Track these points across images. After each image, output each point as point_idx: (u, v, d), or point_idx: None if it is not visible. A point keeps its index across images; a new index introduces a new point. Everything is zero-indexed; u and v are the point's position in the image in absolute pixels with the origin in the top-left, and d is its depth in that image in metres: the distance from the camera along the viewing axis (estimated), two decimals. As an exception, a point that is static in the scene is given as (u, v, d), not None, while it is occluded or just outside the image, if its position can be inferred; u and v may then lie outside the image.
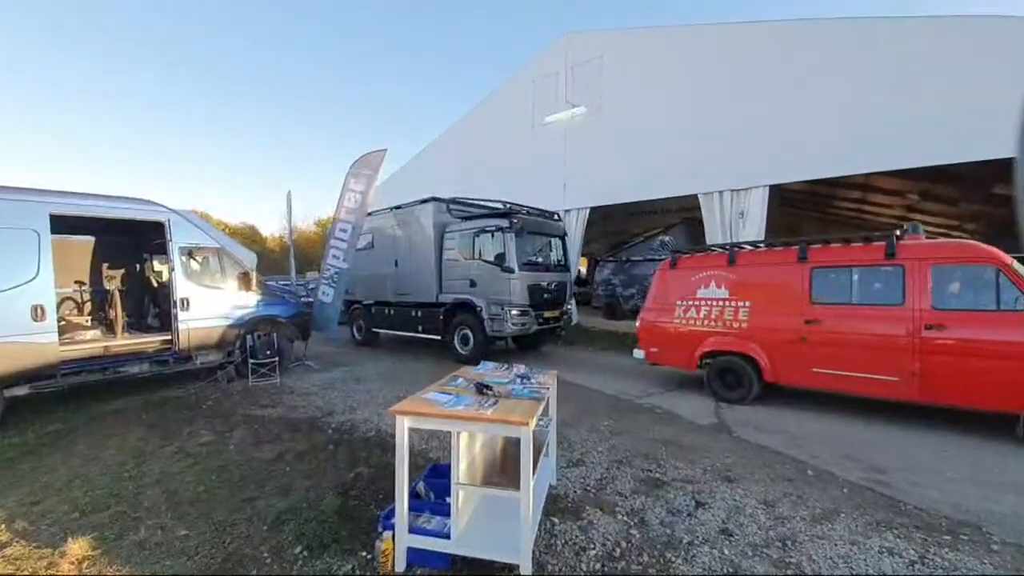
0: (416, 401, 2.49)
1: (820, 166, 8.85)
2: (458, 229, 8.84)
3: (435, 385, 2.82)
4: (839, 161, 8.58)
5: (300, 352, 8.38)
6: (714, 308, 5.65)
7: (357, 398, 5.94)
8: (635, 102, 11.30)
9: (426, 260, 9.21)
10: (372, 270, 10.76)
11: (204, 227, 6.87)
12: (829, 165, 8.73)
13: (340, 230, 8.20)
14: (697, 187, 10.26)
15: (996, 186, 10.72)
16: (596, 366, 8.22)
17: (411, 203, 9.69)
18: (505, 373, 3.20)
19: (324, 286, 8.25)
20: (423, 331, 9.43)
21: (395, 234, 10.05)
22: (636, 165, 11.19)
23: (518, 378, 2.97)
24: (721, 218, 10.00)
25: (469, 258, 8.51)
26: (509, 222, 8.07)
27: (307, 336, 7.99)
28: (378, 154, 8.10)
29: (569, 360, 8.89)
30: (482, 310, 8.15)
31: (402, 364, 8.52)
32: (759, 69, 9.46)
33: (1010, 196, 5.80)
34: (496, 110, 14.47)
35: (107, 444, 4.44)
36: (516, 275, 7.92)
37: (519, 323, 7.94)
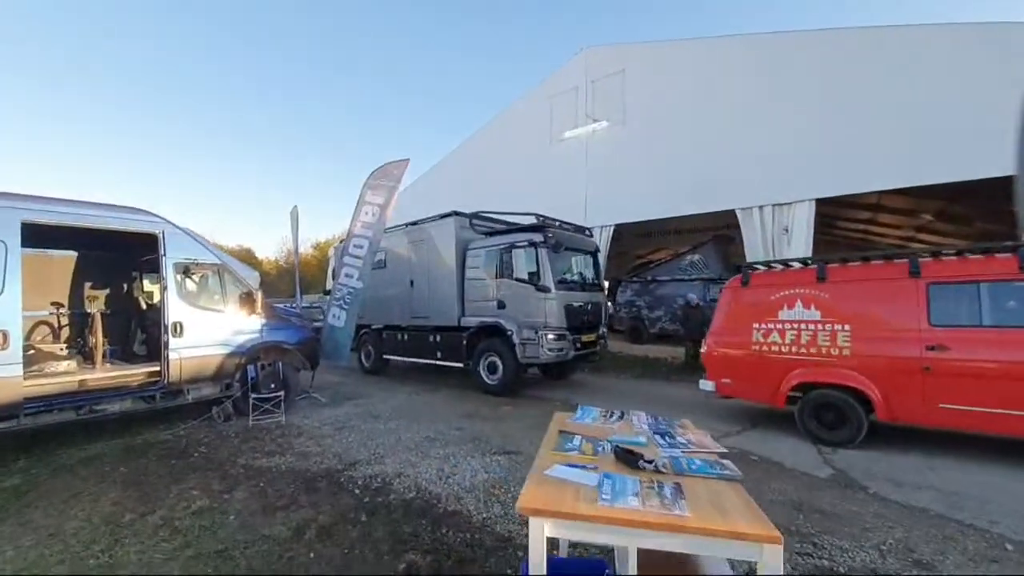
0: (551, 488, 1.57)
1: (869, 178, 8.24)
2: (483, 246, 8.05)
3: (547, 448, 1.93)
4: (890, 173, 7.97)
5: (306, 383, 7.41)
6: (804, 332, 4.82)
7: (380, 441, 4.97)
8: (662, 116, 10.78)
9: (447, 280, 8.38)
10: (384, 291, 9.89)
11: (203, 241, 6.02)
12: (880, 177, 8.12)
13: (355, 246, 7.37)
14: (734, 202, 9.62)
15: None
16: (642, 397, 7.30)
17: (429, 218, 8.93)
18: (626, 426, 2.31)
19: (335, 308, 7.35)
20: (442, 358, 8.50)
21: (410, 252, 9.24)
22: (665, 180, 10.58)
23: (659, 436, 2.08)
24: (763, 234, 9.31)
25: (497, 277, 7.69)
26: (544, 236, 7.29)
27: (315, 365, 7.04)
28: (400, 164, 7.37)
29: (608, 390, 7.96)
30: (513, 334, 7.27)
31: (420, 396, 7.55)
32: (797, 79, 8.98)
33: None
34: (511, 126, 13.97)
35: (73, 510, 3.46)
36: (552, 295, 7.09)
37: (556, 348, 7.05)
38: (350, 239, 7.47)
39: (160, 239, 5.42)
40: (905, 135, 7.74)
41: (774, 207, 9.18)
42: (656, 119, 10.79)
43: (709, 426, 5.44)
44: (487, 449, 4.61)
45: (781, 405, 4.93)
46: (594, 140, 11.90)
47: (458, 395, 7.64)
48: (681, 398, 7.20)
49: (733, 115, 9.70)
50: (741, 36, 9.89)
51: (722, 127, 9.82)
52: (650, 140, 10.84)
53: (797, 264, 5.34)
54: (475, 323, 7.88)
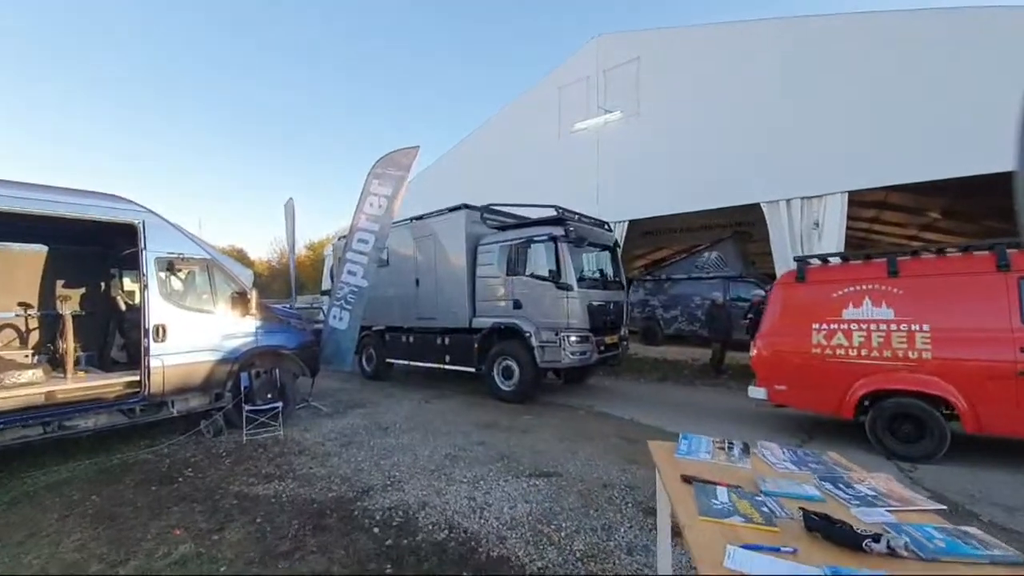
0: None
1: (905, 169, 7.75)
2: (496, 241, 7.45)
3: (683, 506, 1.34)
4: (928, 163, 7.48)
5: (306, 391, 6.76)
6: (874, 334, 4.28)
7: (394, 460, 4.35)
8: (679, 106, 10.25)
9: (456, 278, 7.77)
10: (387, 291, 9.25)
11: (190, 234, 5.36)
12: (917, 168, 7.62)
13: (359, 241, 6.74)
14: (759, 195, 9.10)
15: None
16: (672, 405, 6.73)
17: (436, 212, 8.32)
18: (762, 465, 1.72)
19: (336, 308, 6.71)
20: (452, 362, 7.89)
21: (415, 249, 8.62)
22: (682, 174, 10.04)
23: (829, 484, 1.49)
24: (790, 229, 8.80)
25: (512, 274, 7.09)
26: (565, 230, 6.71)
27: (315, 371, 6.40)
28: (408, 152, 6.75)
29: (632, 396, 7.39)
30: (531, 336, 6.68)
31: (430, 405, 6.93)
32: (826, 64, 8.48)
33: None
34: (518, 118, 13.37)
35: (28, 555, 2.82)
36: (575, 293, 6.51)
37: (579, 352, 6.47)
38: (353, 234, 6.84)
39: (140, 230, 4.76)
40: (946, 123, 7.26)
41: (803, 200, 8.68)
42: (673, 109, 10.25)
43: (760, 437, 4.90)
44: (520, 470, 4.01)
45: (849, 416, 4.38)
46: (606, 132, 11.34)
47: (471, 402, 7.03)
48: (716, 406, 6.65)
49: (757, 103, 9.19)
50: (764, 20, 9.39)
51: (745, 116, 9.31)
52: (667, 131, 10.30)
53: (857, 258, 4.80)
54: (488, 324, 7.29)
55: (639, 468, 3.99)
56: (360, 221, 6.81)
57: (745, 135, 9.28)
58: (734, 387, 7.90)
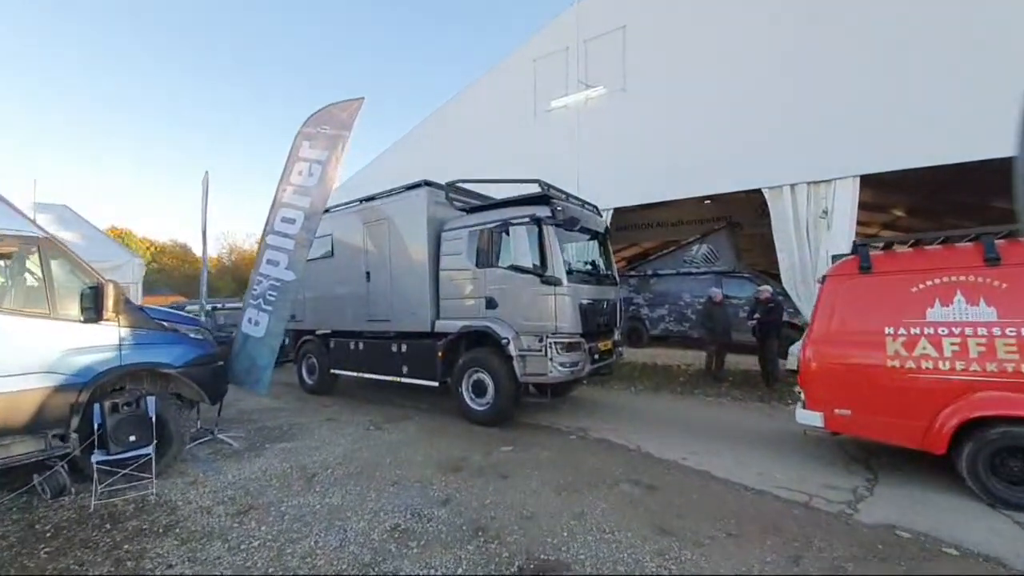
0: None
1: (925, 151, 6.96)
2: (465, 225, 6.04)
3: None
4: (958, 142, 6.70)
5: (211, 420, 5.10)
6: (972, 341, 3.21)
7: (309, 545, 2.85)
8: (671, 80, 9.17)
9: (415, 272, 6.31)
10: (331, 288, 7.66)
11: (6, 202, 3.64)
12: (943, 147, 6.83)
13: (283, 220, 5.14)
14: (760, 180, 8.14)
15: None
16: (681, 426, 5.54)
17: (390, 192, 6.81)
18: None
19: (252, 310, 5.06)
20: (410, 373, 6.42)
21: (365, 236, 7.07)
22: (674, 156, 8.96)
23: None
24: (795, 218, 7.88)
25: (485, 266, 5.71)
26: (552, 210, 5.39)
27: (219, 395, 4.77)
28: (349, 105, 5.20)
29: (631, 412, 6.17)
30: (508, 343, 5.32)
31: (380, 433, 5.42)
32: (837, 32, 7.60)
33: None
34: (487, 95, 11.95)
35: None
36: (564, 289, 5.20)
37: (568, 362, 5.17)
38: (275, 211, 5.23)
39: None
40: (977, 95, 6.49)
41: (809, 185, 7.76)
42: (664, 84, 9.16)
43: (812, 477, 3.75)
44: (505, 559, 2.64)
45: (941, 451, 3.28)
46: (588, 110, 10.13)
47: (434, 427, 5.59)
48: (737, 425, 5.52)
49: (759, 77, 8.22)
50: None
51: (745, 92, 8.33)
52: (657, 109, 9.20)
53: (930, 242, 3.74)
54: (455, 328, 5.87)
55: (680, 544, 2.72)
56: (284, 195, 5.21)
57: (745, 113, 8.30)
58: (741, 398, 6.87)
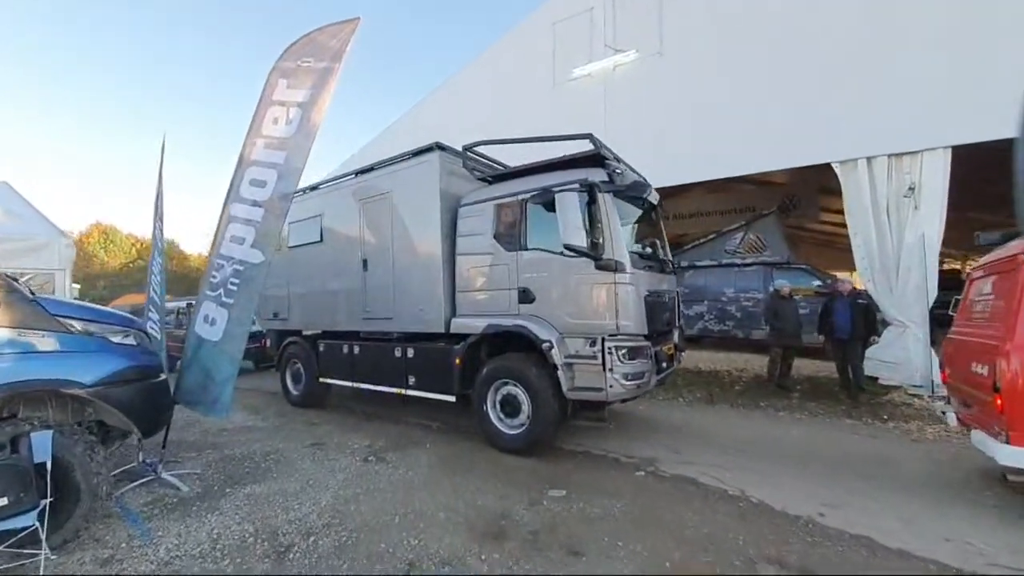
0: None
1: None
2: (490, 197, 4.76)
3: None
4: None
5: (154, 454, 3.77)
6: None
7: None
8: (718, 41, 7.91)
9: (424, 257, 5.01)
10: (320, 280, 6.35)
11: None
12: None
13: (252, 183, 3.81)
14: (829, 153, 6.90)
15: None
16: (776, 454, 4.26)
17: (392, 160, 5.51)
18: None
19: (209, 303, 3.71)
20: (418, 385, 5.12)
21: (361, 217, 5.77)
22: (720, 129, 7.71)
23: None
24: (873, 197, 6.65)
25: (517, 248, 4.42)
26: (608, 173, 4.11)
27: (158, 422, 3.43)
28: (340, 29, 3.87)
29: (696, 435, 4.86)
30: (551, 348, 4.04)
31: (384, 465, 4.12)
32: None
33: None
34: (499, 66, 10.64)
35: None
36: (627, 275, 3.91)
37: (633, 373, 3.87)
38: (241, 172, 3.90)
39: None
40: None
41: (890, 158, 6.54)
42: (709, 45, 7.91)
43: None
44: None
45: None
46: (616, 78, 8.87)
47: (452, 456, 4.29)
48: (844, 454, 4.25)
49: (825, 30, 6.99)
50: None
51: (809, 49, 7.09)
52: (700, 75, 7.95)
53: None
54: (476, 329, 4.59)
55: None
56: (254, 151, 3.88)
57: (809, 75, 7.06)
58: (822, 412, 5.62)
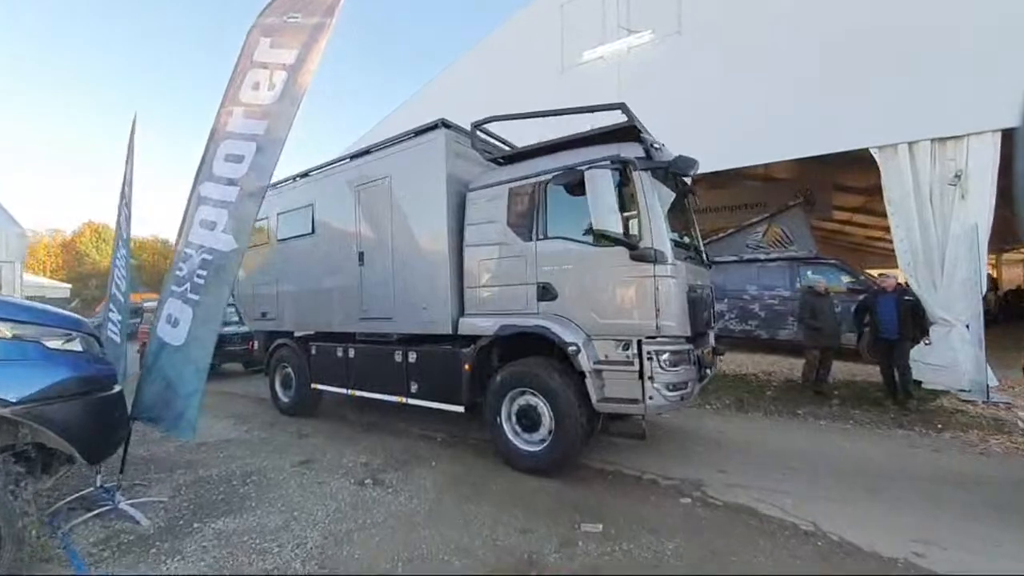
0: None
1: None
2: (504, 180, 4.19)
3: None
4: None
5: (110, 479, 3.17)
6: None
7: None
8: (743, 19, 7.37)
9: (428, 249, 4.44)
10: (312, 276, 5.76)
11: None
12: None
13: (227, 158, 3.21)
14: (867, 137, 6.36)
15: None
16: (832, 472, 3.70)
17: (392, 140, 4.93)
18: None
19: (175, 301, 3.11)
20: (421, 393, 4.53)
21: (358, 204, 5.19)
22: (745, 113, 7.17)
23: None
24: (915, 185, 6.11)
25: (536, 237, 3.85)
26: (645, 148, 3.55)
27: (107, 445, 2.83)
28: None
29: (737, 450, 4.28)
30: (578, 352, 3.47)
31: (383, 489, 3.54)
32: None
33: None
34: (505, 49, 10.06)
35: None
36: (669, 267, 3.34)
37: (676, 382, 3.31)
38: (215, 147, 3.30)
39: None
40: None
41: (934, 142, 6.01)
42: (733, 24, 7.36)
43: None
44: None
45: None
46: (630, 61, 8.31)
47: (461, 477, 3.72)
48: (910, 470, 3.71)
49: (859, 8, 6.45)
50: None
51: (842, 27, 6.55)
52: (723, 56, 7.40)
53: None
54: (489, 330, 4.01)
55: None
56: (229, 121, 3.28)
57: (845, 53, 6.52)
58: (867, 421, 5.08)
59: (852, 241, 21.40)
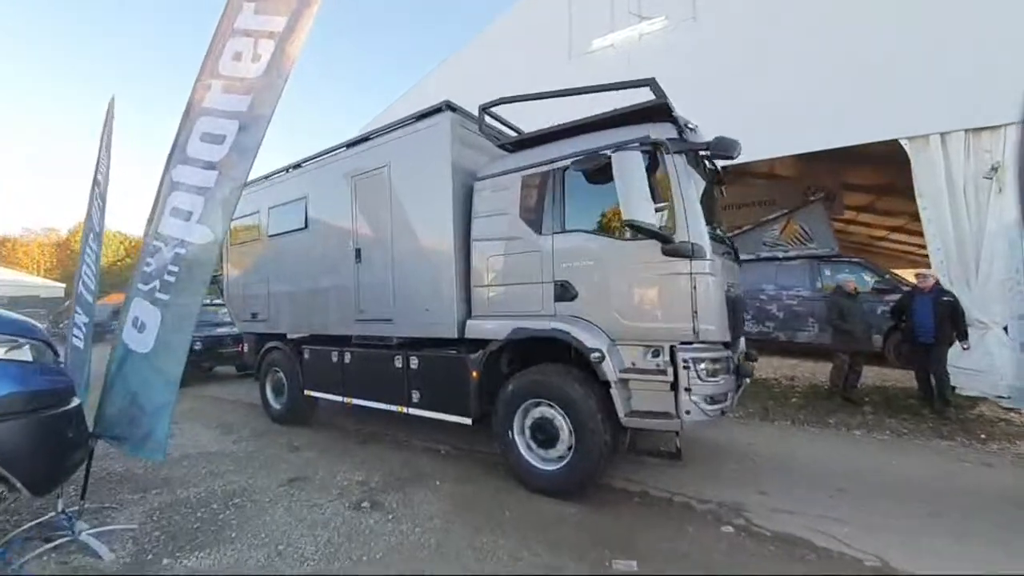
0: None
1: None
2: (516, 167, 3.79)
3: None
4: None
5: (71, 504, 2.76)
6: None
7: None
8: (760, 4, 7.00)
9: (431, 244, 4.04)
10: (305, 274, 5.34)
11: None
12: None
13: (203, 138, 2.80)
14: (895, 128, 6.00)
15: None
16: (880, 491, 3.32)
17: (391, 126, 4.52)
18: None
19: (141, 302, 2.70)
20: (424, 403, 4.13)
21: (354, 196, 4.77)
22: (763, 103, 6.80)
23: None
24: (948, 178, 5.76)
25: (553, 230, 3.46)
26: (678, 128, 3.17)
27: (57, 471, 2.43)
28: (322, -68, 2.88)
29: (769, 464, 3.89)
30: (602, 359, 3.07)
31: (382, 514, 3.14)
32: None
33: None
34: (509, 38, 9.67)
35: None
36: (707, 263, 2.95)
37: (716, 393, 2.92)
38: (190, 125, 2.88)
39: None
40: None
41: (968, 133, 5.65)
42: (751, 8, 6.99)
43: None
44: None
45: None
46: (642, 49, 7.92)
47: (470, 500, 3.31)
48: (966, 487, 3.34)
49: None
50: None
51: (868, 10, 6.19)
52: (741, 43, 7.03)
53: None
54: (500, 333, 3.62)
55: None
56: (207, 95, 2.87)
57: (871, 38, 6.16)
58: (905, 431, 4.71)
59: (855, 241, 21.12)
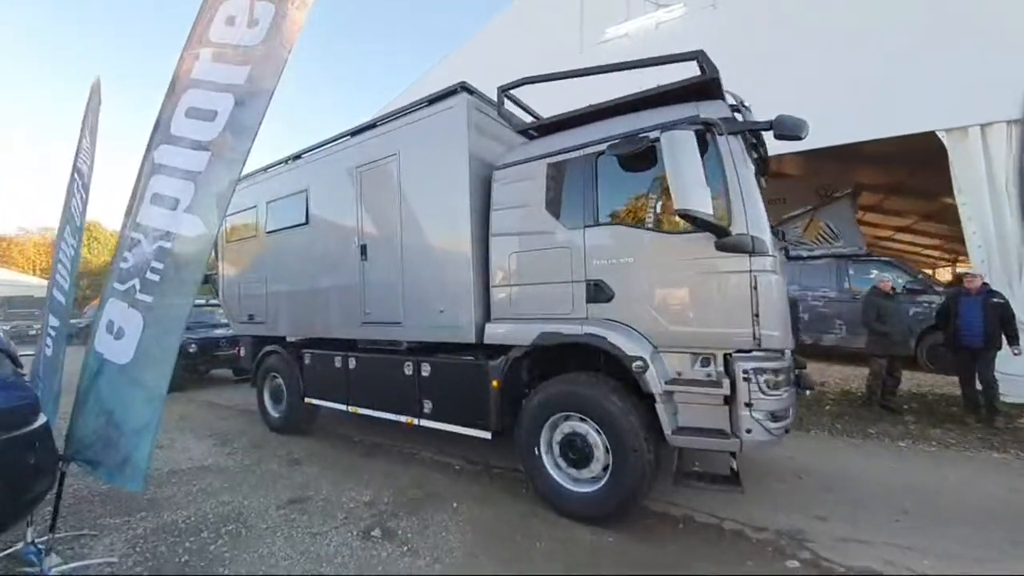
0: None
1: None
2: (541, 155, 3.43)
3: None
4: None
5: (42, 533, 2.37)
6: None
7: None
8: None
9: (445, 241, 3.68)
10: (305, 273, 4.96)
11: None
12: None
13: (189, 114, 2.42)
14: (931, 119, 5.68)
15: None
16: (950, 515, 2.97)
17: (400, 112, 4.16)
18: None
19: (118, 304, 2.33)
20: (437, 414, 3.77)
21: (360, 189, 4.40)
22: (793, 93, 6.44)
23: None
24: (988, 171, 5.43)
25: (583, 223, 3.09)
26: (733, 109, 2.81)
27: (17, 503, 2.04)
28: None
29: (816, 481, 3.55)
30: (645, 369, 2.71)
31: (393, 545, 2.78)
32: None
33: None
34: (519, 28, 9.32)
35: None
36: (769, 260, 2.59)
37: (779, 409, 2.57)
38: (176, 99, 2.50)
39: None
40: None
41: (1010, 124, 5.33)
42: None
43: None
44: None
45: None
46: (658, 38, 7.58)
47: (492, 526, 2.95)
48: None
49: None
50: None
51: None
52: (766, 31, 6.69)
53: None
54: (524, 339, 3.26)
55: None
56: (196, 65, 2.49)
57: (904, 23, 5.83)
58: (954, 442, 4.37)
59: (858, 240, 21.01)
